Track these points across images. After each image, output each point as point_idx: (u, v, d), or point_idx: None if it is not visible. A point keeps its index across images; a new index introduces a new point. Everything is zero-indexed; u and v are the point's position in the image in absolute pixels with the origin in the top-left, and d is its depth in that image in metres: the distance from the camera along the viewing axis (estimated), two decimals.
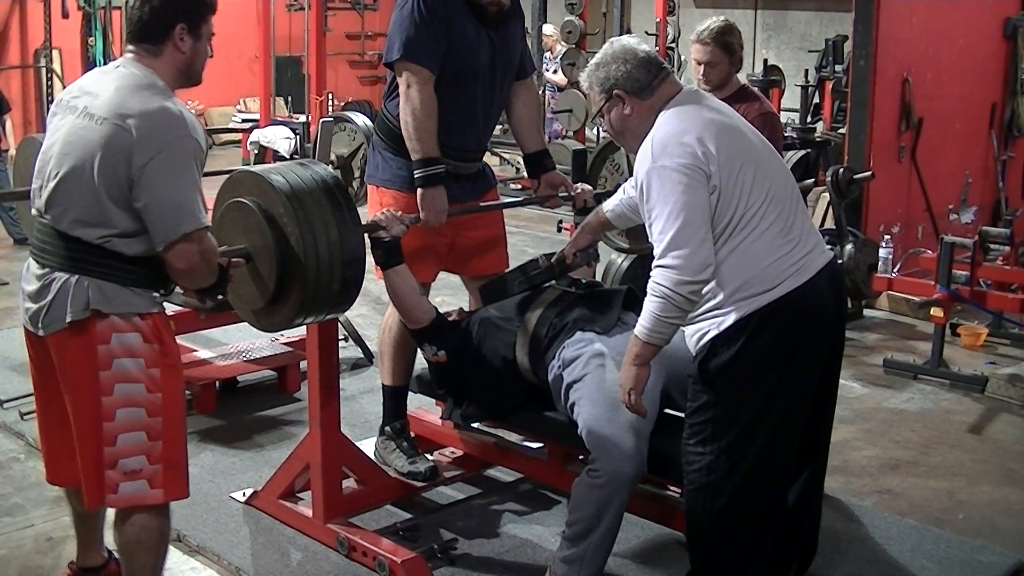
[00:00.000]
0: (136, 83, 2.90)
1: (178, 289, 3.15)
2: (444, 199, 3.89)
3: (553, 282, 3.86)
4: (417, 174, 3.85)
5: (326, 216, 3.23)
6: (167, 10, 2.95)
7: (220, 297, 3.32)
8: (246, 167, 3.43)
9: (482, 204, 4.19)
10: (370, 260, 3.50)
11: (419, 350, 3.99)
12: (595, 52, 3.36)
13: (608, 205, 3.73)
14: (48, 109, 12.22)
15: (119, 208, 2.85)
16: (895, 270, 6.50)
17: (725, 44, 4.39)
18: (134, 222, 2.87)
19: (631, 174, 3.47)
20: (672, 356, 3.35)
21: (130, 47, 3.00)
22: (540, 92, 10.70)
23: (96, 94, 2.91)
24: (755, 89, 4.73)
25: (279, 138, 10.46)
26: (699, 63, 4.48)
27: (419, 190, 3.86)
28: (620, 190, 3.68)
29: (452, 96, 3.91)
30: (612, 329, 3.60)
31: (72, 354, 2.93)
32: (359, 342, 5.95)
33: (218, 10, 3.07)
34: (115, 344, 2.91)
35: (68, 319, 2.88)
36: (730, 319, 3.02)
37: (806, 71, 10.47)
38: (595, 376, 3.42)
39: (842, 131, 8.04)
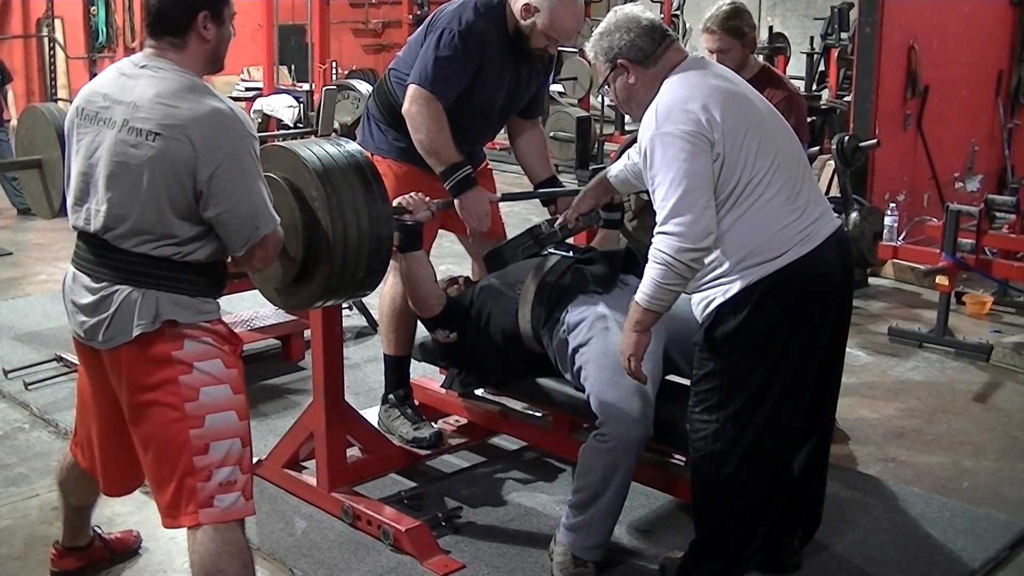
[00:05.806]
0: (175, 86, 2.72)
1: None
2: (485, 201, 3.87)
3: (552, 248, 3.85)
4: (448, 184, 3.81)
5: (358, 203, 3.10)
6: None
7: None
8: (279, 142, 3.29)
9: (531, 192, 4.16)
10: None
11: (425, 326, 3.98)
12: (599, 20, 3.33)
13: (612, 170, 3.71)
14: (50, 79, 12.27)
15: (184, 220, 2.72)
16: (900, 238, 6.49)
17: (732, 29, 4.30)
18: (199, 230, 2.75)
19: None
20: (673, 316, 3.34)
21: (151, 42, 2.81)
22: None
23: (133, 104, 2.71)
24: (778, 72, 4.62)
25: (283, 107, 10.43)
26: (711, 52, 4.40)
27: (456, 200, 3.82)
28: (624, 155, 3.66)
29: (455, 125, 3.85)
30: (612, 290, 3.60)
31: (143, 364, 2.76)
32: (363, 311, 5.95)
33: None
34: (190, 348, 2.77)
35: (136, 332, 2.73)
36: (736, 287, 3.01)
37: (812, 38, 10.44)
38: (600, 340, 3.42)
39: (847, 99, 7.99)
